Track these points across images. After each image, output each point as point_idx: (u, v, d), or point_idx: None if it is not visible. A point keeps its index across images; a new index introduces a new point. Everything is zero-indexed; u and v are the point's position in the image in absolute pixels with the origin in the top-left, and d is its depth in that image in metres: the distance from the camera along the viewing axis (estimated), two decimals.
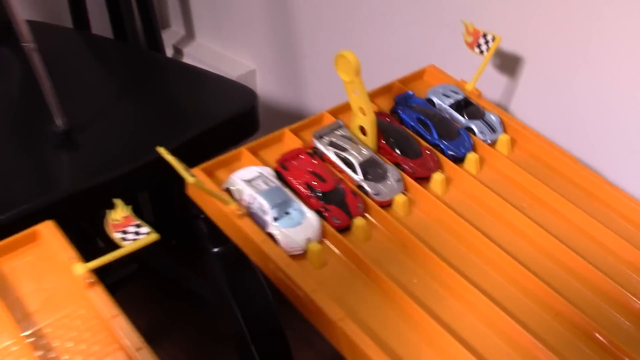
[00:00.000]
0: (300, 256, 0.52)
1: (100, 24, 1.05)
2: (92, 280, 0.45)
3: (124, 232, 0.48)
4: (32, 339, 0.43)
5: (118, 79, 0.79)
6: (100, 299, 0.44)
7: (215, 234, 0.79)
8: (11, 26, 0.63)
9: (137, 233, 0.48)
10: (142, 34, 1.04)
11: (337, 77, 0.58)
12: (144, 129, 0.67)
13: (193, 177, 0.49)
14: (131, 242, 0.47)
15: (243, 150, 0.59)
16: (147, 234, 0.48)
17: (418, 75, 0.71)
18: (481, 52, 0.67)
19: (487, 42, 0.67)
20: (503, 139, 0.63)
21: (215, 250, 0.79)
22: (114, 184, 0.64)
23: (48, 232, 0.48)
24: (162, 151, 0.51)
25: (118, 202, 0.49)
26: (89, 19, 1.07)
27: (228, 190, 0.55)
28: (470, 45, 0.68)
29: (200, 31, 1.15)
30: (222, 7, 1.06)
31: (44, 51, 0.63)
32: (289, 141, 0.61)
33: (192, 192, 0.57)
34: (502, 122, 0.65)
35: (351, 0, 0.84)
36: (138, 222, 0.49)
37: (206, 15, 1.11)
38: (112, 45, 0.96)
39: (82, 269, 0.45)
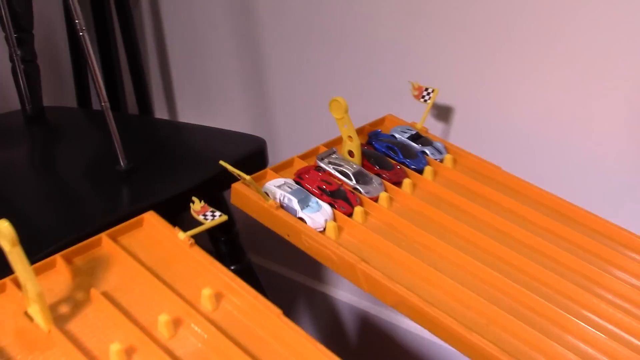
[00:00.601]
0: (322, 232, 0.74)
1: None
2: (192, 242, 0.66)
3: (204, 216, 0.70)
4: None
5: (146, 137, 1.02)
6: (200, 253, 0.65)
7: (233, 253, 1.00)
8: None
9: (213, 216, 0.70)
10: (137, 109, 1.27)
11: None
12: (183, 165, 0.90)
13: (249, 177, 0.72)
14: (210, 220, 0.69)
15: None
16: (220, 216, 0.70)
17: (381, 121, 0.97)
18: (425, 101, 0.94)
19: (429, 94, 0.94)
20: (448, 157, 0.89)
21: (232, 267, 1.00)
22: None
23: (151, 217, 0.69)
24: (224, 163, 0.73)
25: (195, 198, 0.71)
26: (91, 99, 1.30)
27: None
28: (417, 97, 0.95)
29: (182, 114, 1.39)
30: (202, 89, 1.31)
31: (71, 127, 0.86)
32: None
33: (236, 199, 0.78)
34: (445, 147, 0.91)
35: (323, 75, 1.11)
36: (212, 209, 0.71)
37: (188, 99, 1.35)
38: (120, 116, 1.20)
39: (183, 235, 0.66)
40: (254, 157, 0.76)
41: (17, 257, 0.54)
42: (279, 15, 1.13)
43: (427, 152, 0.89)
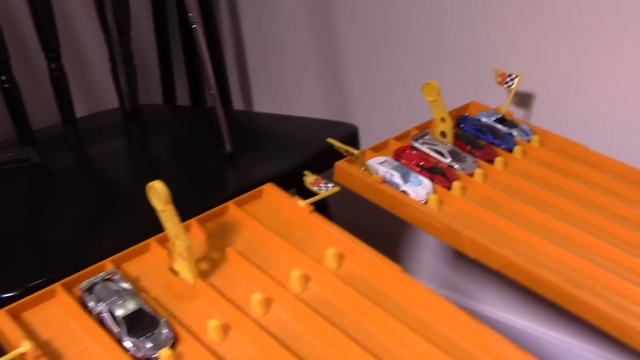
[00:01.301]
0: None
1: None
2: (312, 209, 0.71)
3: (319, 187, 0.75)
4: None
5: (242, 127, 1.08)
6: (320, 219, 0.70)
7: None
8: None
9: (326, 186, 0.75)
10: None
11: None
12: (284, 150, 0.96)
13: (357, 151, 0.77)
14: (324, 190, 0.74)
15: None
16: (333, 187, 0.75)
17: (465, 107, 1.01)
18: (509, 86, 0.98)
19: (512, 79, 0.98)
20: (535, 138, 0.92)
21: None
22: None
23: (270, 188, 0.75)
24: (332, 140, 0.79)
25: (308, 172, 0.76)
26: (175, 95, 1.37)
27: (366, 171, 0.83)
28: (500, 84, 0.99)
29: (258, 105, 1.45)
30: (278, 80, 1.36)
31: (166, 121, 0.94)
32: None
33: (339, 176, 0.84)
34: (531, 129, 0.95)
35: (401, 64, 1.16)
36: (325, 180, 0.76)
37: (264, 90, 1.41)
38: (203, 111, 1.27)
39: (303, 202, 0.72)
40: (347, 142, 0.81)
41: (169, 215, 0.60)
42: (355, 3, 1.18)
43: (515, 133, 0.93)
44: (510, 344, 0.59)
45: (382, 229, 1.12)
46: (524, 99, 1.04)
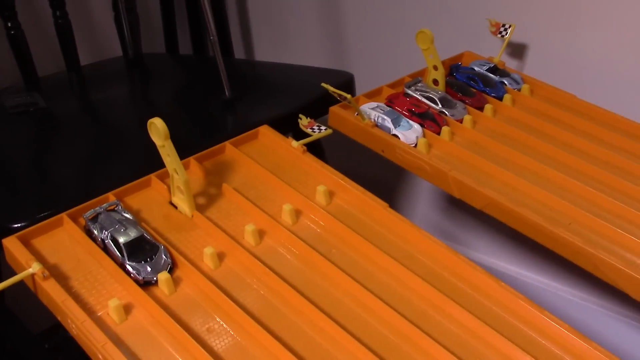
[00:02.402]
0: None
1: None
2: (304, 149, 0.75)
3: (312, 129, 0.78)
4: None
5: (241, 75, 1.11)
6: (312, 158, 0.74)
7: None
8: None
9: (319, 129, 0.78)
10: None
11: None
12: (281, 96, 0.99)
13: (349, 95, 0.80)
14: (317, 132, 0.78)
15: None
16: (325, 129, 0.78)
17: (459, 57, 1.03)
18: (502, 36, 1.00)
19: (505, 29, 1.00)
20: (525, 87, 0.95)
21: None
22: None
23: (265, 130, 0.78)
24: (326, 85, 0.82)
25: (302, 115, 0.80)
26: (178, 45, 1.39)
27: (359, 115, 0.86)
28: (494, 33, 1.01)
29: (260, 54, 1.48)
30: (279, 29, 1.38)
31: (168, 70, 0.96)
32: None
33: (333, 121, 0.87)
34: (522, 78, 0.97)
35: (398, 14, 1.18)
36: (318, 124, 0.79)
37: (265, 40, 1.43)
38: (205, 59, 1.29)
39: (297, 143, 0.75)
40: (343, 89, 0.83)
41: (168, 150, 0.64)
42: None
43: (506, 82, 0.96)
44: (488, 275, 0.63)
45: (378, 180, 1.16)
46: (517, 49, 1.07)
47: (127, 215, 0.64)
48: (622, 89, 0.98)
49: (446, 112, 0.88)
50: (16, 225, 0.72)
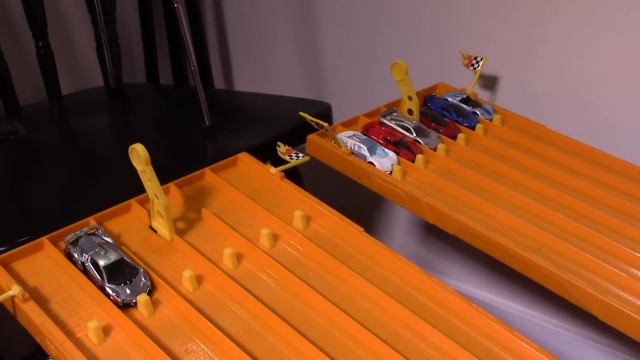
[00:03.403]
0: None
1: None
2: (282, 175, 0.77)
3: (290, 156, 0.80)
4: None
5: (220, 104, 1.14)
6: (290, 184, 0.76)
7: None
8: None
9: (297, 156, 0.81)
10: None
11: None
12: (260, 125, 1.01)
13: (326, 124, 0.83)
14: (295, 159, 0.80)
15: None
16: (303, 156, 0.81)
17: (433, 88, 1.07)
18: (474, 68, 1.04)
19: (477, 62, 1.04)
20: (497, 117, 0.98)
21: None
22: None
23: (244, 157, 0.80)
24: (303, 114, 0.84)
25: (280, 143, 0.82)
26: (159, 75, 1.41)
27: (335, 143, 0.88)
28: (467, 65, 1.05)
29: (239, 85, 1.50)
30: (257, 62, 1.41)
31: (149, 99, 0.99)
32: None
33: (311, 149, 0.89)
34: (494, 109, 1.01)
35: (373, 46, 1.22)
36: (295, 151, 0.81)
37: (244, 71, 1.46)
38: (185, 89, 1.32)
39: (274, 169, 0.77)
40: (320, 118, 0.86)
41: (149, 175, 0.65)
42: None
43: (478, 112, 0.99)
44: (459, 296, 0.65)
45: (354, 206, 1.18)
46: (489, 81, 1.10)
47: (107, 239, 0.65)
48: (589, 118, 1.02)
49: (420, 141, 0.90)
50: None
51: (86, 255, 0.62)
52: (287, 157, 0.80)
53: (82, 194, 0.87)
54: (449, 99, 1.02)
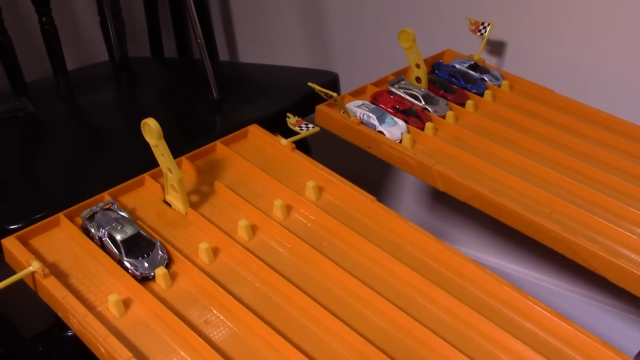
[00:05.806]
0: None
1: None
2: (293, 146, 0.77)
3: (300, 127, 0.81)
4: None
5: (227, 76, 1.13)
6: (301, 155, 0.76)
7: None
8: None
9: (307, 127, 0.81)
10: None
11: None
12: (268, 96, 1.02)
13: (335, 94, 0.83)
14: (305, 130, 0.80)
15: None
16: (313, 127, 0.81)
17: (440, 55, 1.06)
18: (481, 34, 1.03)
19: (485, 28, 1.03)
20: (505, 83, 0.98)
21: None
22: None
23: (254, 129, 0.80)
24: (312, 84, 0.84)
25: (290, 114, 0.82)
26: (163, 48, 1.40)
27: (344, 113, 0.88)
28: (473, 32, 1.04)
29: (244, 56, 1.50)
30: (262, 33, 1.41)
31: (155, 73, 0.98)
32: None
33: (320, 119, 0.89)
34: (502, 75, 1.00)
35: (381, 14, 1.21)
36: (305, 122, 0.81)
37: (249, 42, 1.45)
38: (189, 62, 1.31)
39: (285, 141, 0.77)
40: (328, 88, 0.86)
41: (162, 149, 0.65)
42: None
43: (486, 78, 0.99)
44: (471, 262, 0.65)
45: (364, 175, 1.18)
46: (496, 47, 1.10)
47: (123, 214, 0.66)
48: (598, 83, 1.02)
49: (429, 109, 0.90)
50: (12, 227, 0.73)
51: (103, 230, 0.63)
52: (297, 128, 0.80)
53: (94, 169, 0.88)
54: (457, 66, 1.01)
